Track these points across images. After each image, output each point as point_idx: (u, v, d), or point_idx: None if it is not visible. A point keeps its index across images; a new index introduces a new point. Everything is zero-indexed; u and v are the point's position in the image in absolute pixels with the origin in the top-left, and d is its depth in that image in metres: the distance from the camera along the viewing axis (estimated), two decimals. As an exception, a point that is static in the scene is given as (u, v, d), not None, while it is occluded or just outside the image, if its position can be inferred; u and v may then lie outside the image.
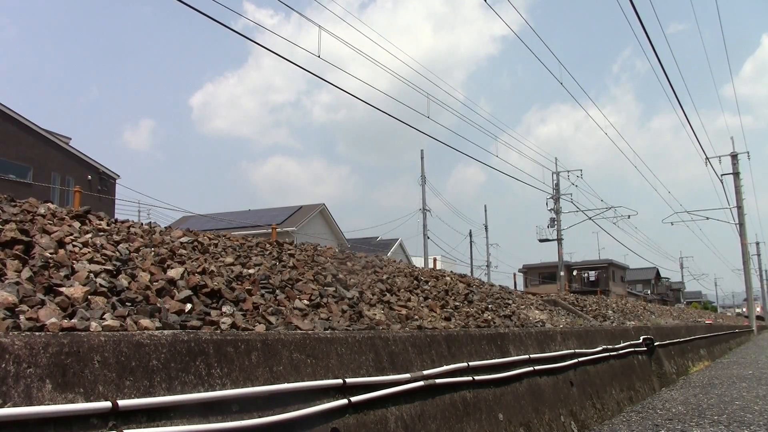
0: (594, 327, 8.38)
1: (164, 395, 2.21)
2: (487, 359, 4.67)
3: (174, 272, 3.45)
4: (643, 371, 8.91)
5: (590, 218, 32.73)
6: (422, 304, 5.66)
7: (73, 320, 2.38)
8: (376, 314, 4.54)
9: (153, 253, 3.77)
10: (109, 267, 3.16)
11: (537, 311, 8.59)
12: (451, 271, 9.41)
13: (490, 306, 7.08)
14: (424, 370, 3.79)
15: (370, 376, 3.31)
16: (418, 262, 28.04)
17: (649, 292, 54.74)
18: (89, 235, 3.58)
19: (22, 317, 2.29)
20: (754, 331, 32.38)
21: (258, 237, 6.52)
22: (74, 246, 3.32)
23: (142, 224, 4.60)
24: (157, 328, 2.61)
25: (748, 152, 35.19)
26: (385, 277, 6.08)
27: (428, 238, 31.66)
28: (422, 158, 32.08)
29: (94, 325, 2.37)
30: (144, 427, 2.09)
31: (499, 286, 10.64)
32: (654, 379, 9.26)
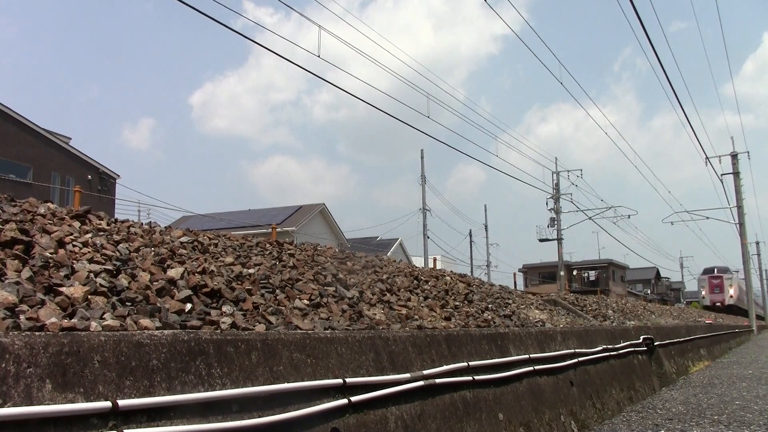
0: (594, 327, 8.39)
1: (164, 395, 2.21)
2: (487, 359, 4.67)
3: (174, 272, 3.45)
4: (643, 371, 8.92)
5: (590, 218, 32.77)
6: (422, 304, 5.66)
7: (73, 320, 2.38)
8: (376, 314, 4.54)
9: (153, 252, 3.77)
10: (109, 267, 3.16)
11: (537, 311, 8.60)
12: (451, 271, 9.42)
13: (490, 306, 7.08)
14: (424, 369, 3.79)
15: (370, 376, 3.31)
16: (418, 261, 28.06)
17: (649, 291, 54.63)
18: (89, 235, 3.58)
19: (22, 317, 2.29)
20: (754, 330, 32.38)
21: (258, 237, 6.52)
22: (74, 246, 3.32)
23: (142, 224, 4.61)
24: (157, 328, 2.61)
25: (748, 152, 35.25)
26: (385, 276, 6.08)
27: (428, 237, 31.69)
28: (422, 158, 32.13)
29: (94, 324, 2.38)
30: (144, 427, 2.09)
31: (499, 285, 10.64)
32: (654, 379, 9.26)
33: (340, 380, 3.03)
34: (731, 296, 47.58)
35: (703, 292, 49.28)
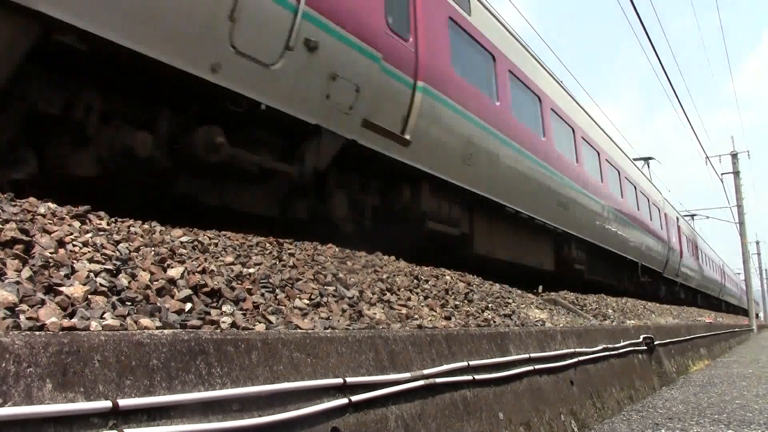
0: (594, 326, 8.39)
1: (164, 394, 2.21)
2: (487, 358, 4.67)
3: (174, 272, 3.45)
4: (643, 370, 8.92)
5: (590, 217, 32.45)
6: (422, 303, 5.66)
7: (73, 320, 2.38)
8: (376, 313, 4.54)
9: (153, 252, 3.77)
10: (109, 266, 3.16)
11: (537, 310, 8.60)
12: (452, 270, 9.40)
13: (490, 305, 7.08)
14: (424, 369, 3.79)
15: (370, 376, 3.31)
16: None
17: (648, 291, 54.19)
18: (89, 235, 3.58)
19: (22, 317, 2.29)
20: (754, 330, 32.39)
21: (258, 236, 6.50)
22: (74, 245, 3.32)
23: (142, 223, 4.60)
24: (158, 328, 2.61)
25: (748, 151, 35.12)
26: (385, 276, 6.08)
27: (428, 237, 31.66)
28: (422, 157, 32.08)
29: (94, 324, 2.37)
30: (144, 427, 2.09)
31: (499, 285, 10.63)
32: (654, 378, 9.27)
33: (340, 380, 3.03)
34: None
35: None
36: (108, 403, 1.99)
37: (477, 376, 4.34)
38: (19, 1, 3.85)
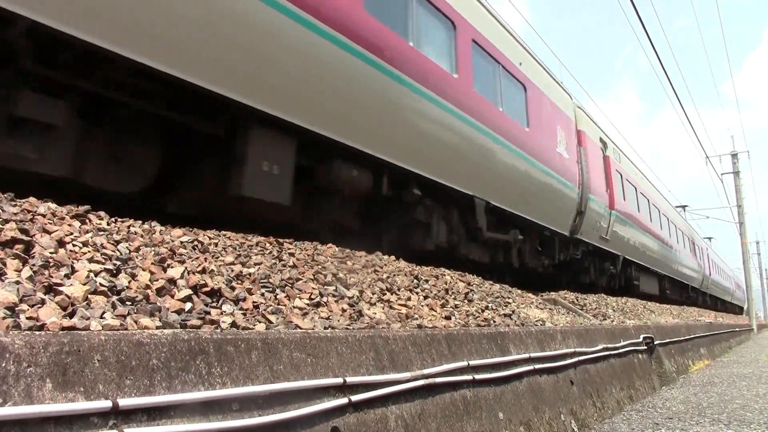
0: (594, 326, 8.39)
1: (164, 394, 2.22)
2: (487, 358, 4.67)
3: (174, 271, 3.45)
4: (643, 370, 8.92)
5: (590, 217, 32.52)
6: (422, 303, 5.66)
7: (73, 319, 2.38)
8: (376, 313, 4.54)
9: (153, 252, 3.77)
10: (109, 266, 3.16)
11: (537, 310, 8.59)
12: (452, 270, 9.40)
13: (490, 305, 7.08)
14: (425, 369, 3.80)
15: (370, 375, 3.31)
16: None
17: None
18: (89, 235, 3.58)
19: (22, 316, 2.29)
20: (754, 330, 32.39)
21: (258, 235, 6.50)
22: (74, 245, 3.32)
23: (142, 223, 4.60)
24: (157, 327, 2.61)
25: (748, 151, 35.24)
26: (385, 276, 6.08)
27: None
28: (422, 157, 32.08)
29: (94, 324, 2.38)
30: (144, 426, 2.09)
31: (499, 284, 10.62)
32: (654, 378, 9.27)
33: (340, 379, 3.03)
34: None
35: None
36: (108, 403, 1.99)
37: (477, 376, 4.34)
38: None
